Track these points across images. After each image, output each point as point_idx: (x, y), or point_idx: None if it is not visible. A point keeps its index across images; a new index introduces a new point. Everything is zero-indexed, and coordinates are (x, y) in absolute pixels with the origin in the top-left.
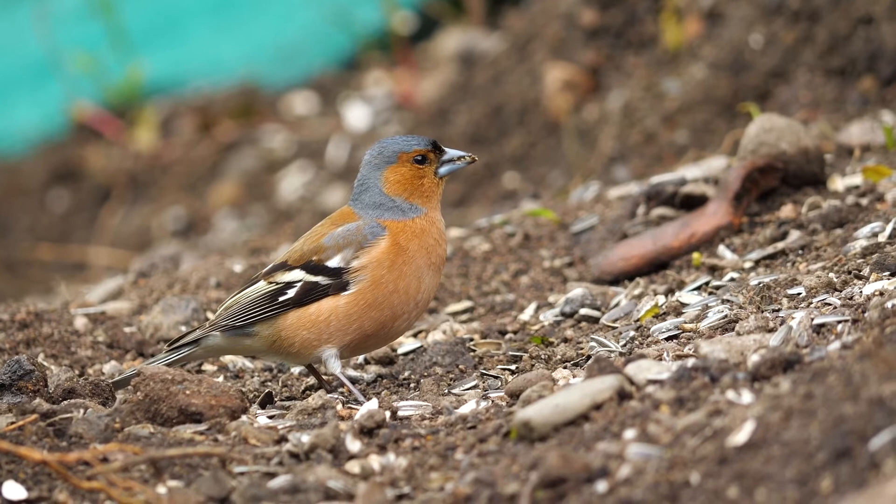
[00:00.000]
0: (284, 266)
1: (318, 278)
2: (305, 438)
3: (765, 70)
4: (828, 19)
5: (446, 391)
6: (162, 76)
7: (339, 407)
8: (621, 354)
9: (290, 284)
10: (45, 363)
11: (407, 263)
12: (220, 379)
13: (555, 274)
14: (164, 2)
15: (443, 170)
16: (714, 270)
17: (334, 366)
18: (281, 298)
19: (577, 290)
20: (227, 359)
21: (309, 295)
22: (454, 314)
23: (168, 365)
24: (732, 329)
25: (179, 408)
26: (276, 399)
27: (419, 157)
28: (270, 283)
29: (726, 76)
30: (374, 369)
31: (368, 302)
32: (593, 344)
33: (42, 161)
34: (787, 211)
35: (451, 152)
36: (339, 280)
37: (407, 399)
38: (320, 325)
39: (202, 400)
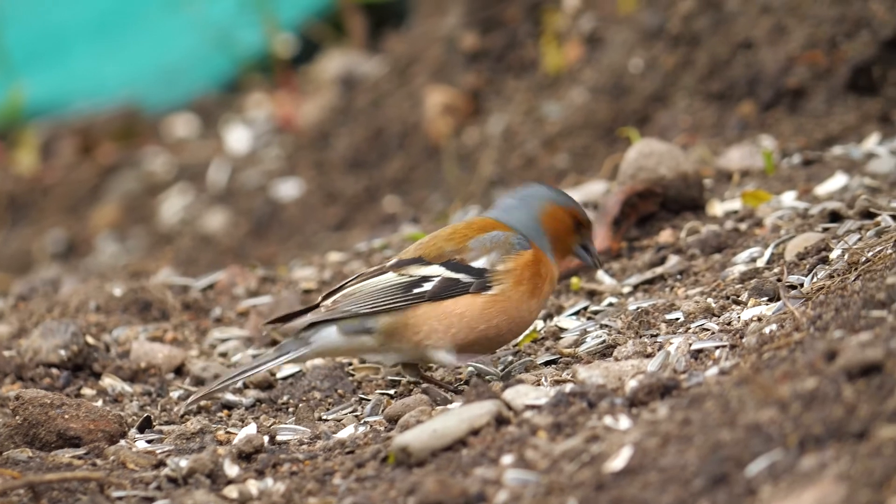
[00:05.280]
0: (420, 261)
1: (460, 276)
2: (184, 463)
3: (645, 94)
4: (708, 44)
5: (324, 416)
6: (43, 98)
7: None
8: (500, 379)
9: (426, 278)
10: None
11: (539, 284)
12: (100, 403)
13: None
14: (47, 23)
15: (577, 250)
16: (593, 295)
17: (451, 358)
18: (416, 290)
19: None
20: (106, 382)
21: (447, 290)
22: None
23: (272, 368)
24: (611, 354)
25: (58, 432)
26: (154, 423)
27: (577, 224)
28: (402, 274)
29: (606, 100)
30: (252, 394)
31: (503, 305)
32: (471, 369)
33: None
34: (665, 236)
35: (592, 248)
36: (481, 280)
37: (285, 423)
38: (452, 317)
39: (81, 424)
